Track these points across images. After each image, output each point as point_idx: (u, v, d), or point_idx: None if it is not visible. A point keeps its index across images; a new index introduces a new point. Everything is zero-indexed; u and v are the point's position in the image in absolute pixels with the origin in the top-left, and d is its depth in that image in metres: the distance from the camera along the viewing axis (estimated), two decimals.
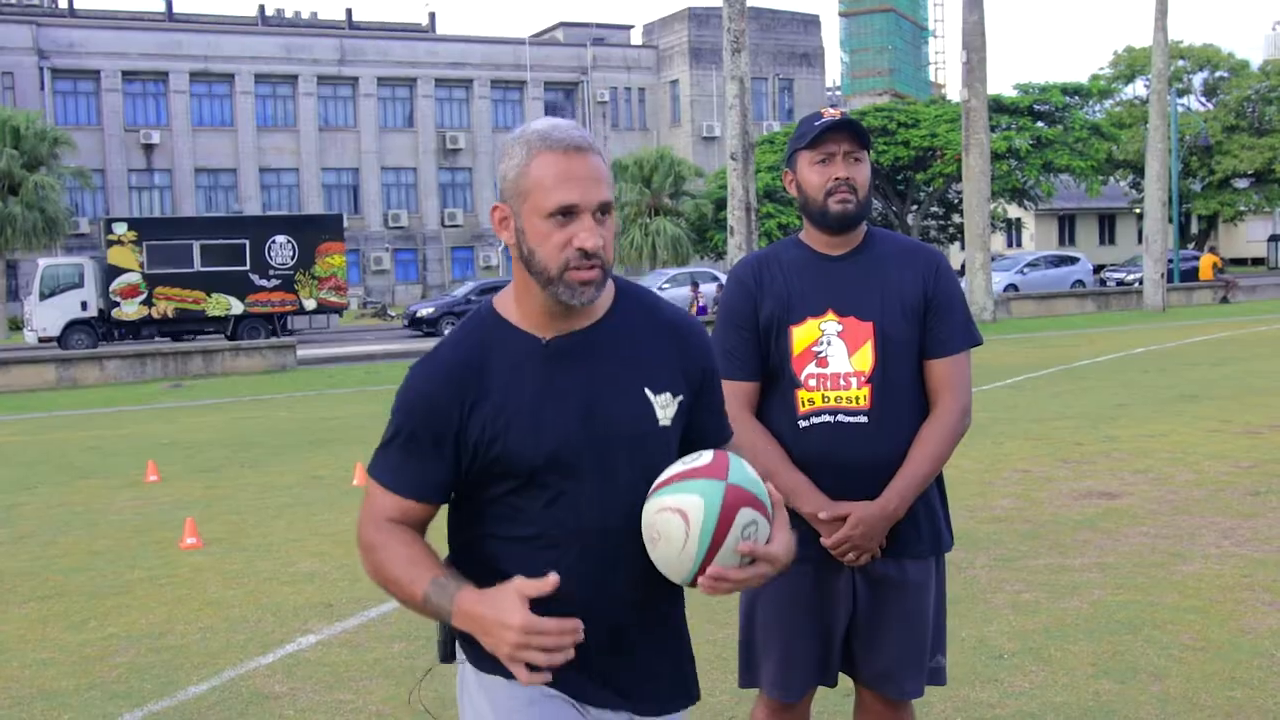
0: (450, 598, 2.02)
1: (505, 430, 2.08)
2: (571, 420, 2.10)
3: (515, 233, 2.09)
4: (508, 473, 2.10)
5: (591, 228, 2.04)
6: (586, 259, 2.04)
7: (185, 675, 5.12)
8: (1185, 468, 8.82)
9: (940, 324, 2.94)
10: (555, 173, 2.03)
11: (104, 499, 9.52)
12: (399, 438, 2.13)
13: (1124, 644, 4.97)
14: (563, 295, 2.06)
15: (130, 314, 32.38)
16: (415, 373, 2.16)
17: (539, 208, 2.04)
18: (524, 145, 2.07)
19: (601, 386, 2.13)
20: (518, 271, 2.13)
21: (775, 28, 59.38)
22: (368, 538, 2.14)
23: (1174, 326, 25.22)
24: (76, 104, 50.06)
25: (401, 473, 2.13)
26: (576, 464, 2.10)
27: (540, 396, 2.10)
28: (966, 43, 28.00)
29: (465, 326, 2.19)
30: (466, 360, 2.12)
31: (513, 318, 2.15)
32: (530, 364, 2.11)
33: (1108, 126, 47.24)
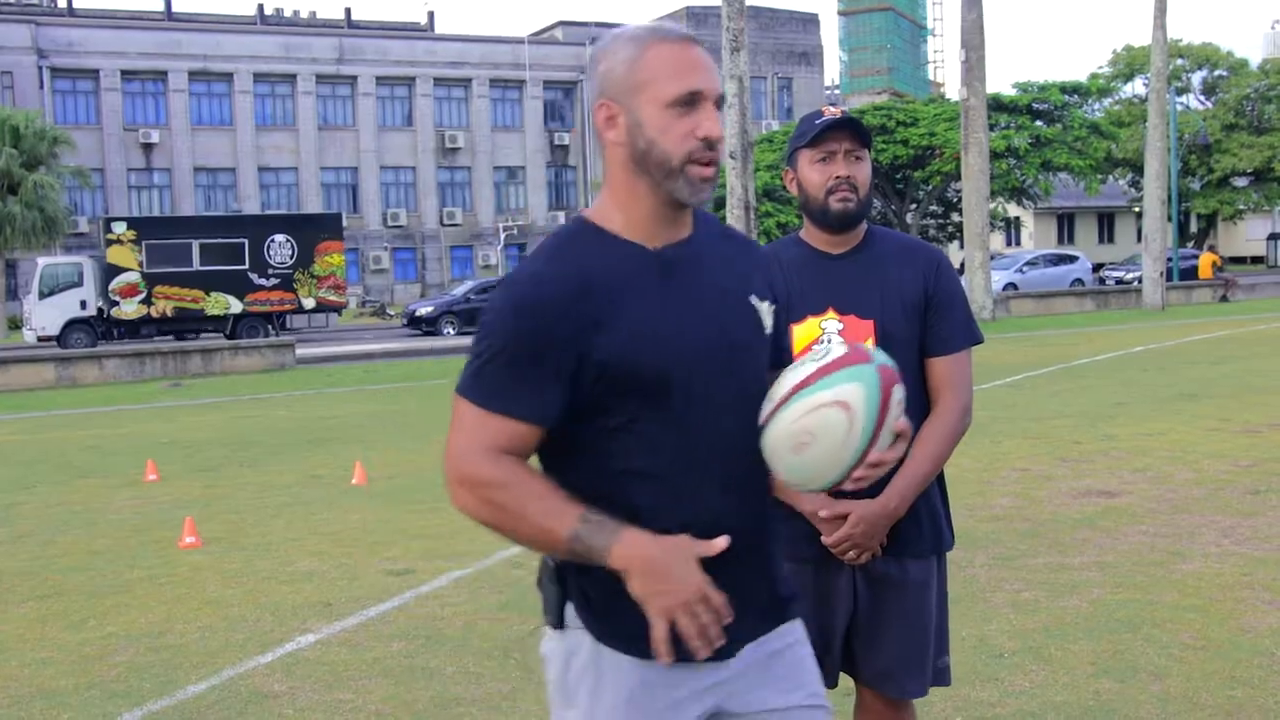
0: (611, 534, 1.89)
1: (637, 342, 1.96)
2: (700, 325, 2.01)
3: (627, 128, 1.99)
4: (637, 385, 1.96)
5: (714, 116, 1.99)
6: (708, 149, 1.98)
7: (184, 674, 5.12)
8: (1184, 466, 8.82)
9: (941, 322, 2.94)
10: (676, 60, 1.98)
11: (103, 498, 9.51)
12: (503, 355, 1.94)
13: (1124, 643, 4.97)
14: (682, 191, 1.99)
15: (129, 313, 32.38)
16: (519, 285, 1.98)
17: (660, 96, 1.96)
18: (631, 41, 2.01)
19: (718, 294, 2.06)
20: (621, 178, 2.03)
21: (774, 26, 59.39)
22: (482, 473, 1.94)
23: (1173, 325, 25.22)
24: (75, 103, 50.04)
25: (513, 393, 1.94)
26: (708, 372, 2.01)
27: (663, 304, 1.99)
28: (965, 41, 28.00)
29: (561, 241, 2.04)
30: (578, 269, 1.97)
31: (616, 228, 2.04)
32: (645, 272, 2.01)
33: (1107, 125, 47.22)
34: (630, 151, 2.00)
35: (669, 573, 1.89)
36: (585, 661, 2.04)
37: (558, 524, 1.91)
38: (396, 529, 7.83)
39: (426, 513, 8.30)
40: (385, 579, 6.56)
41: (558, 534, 1.91)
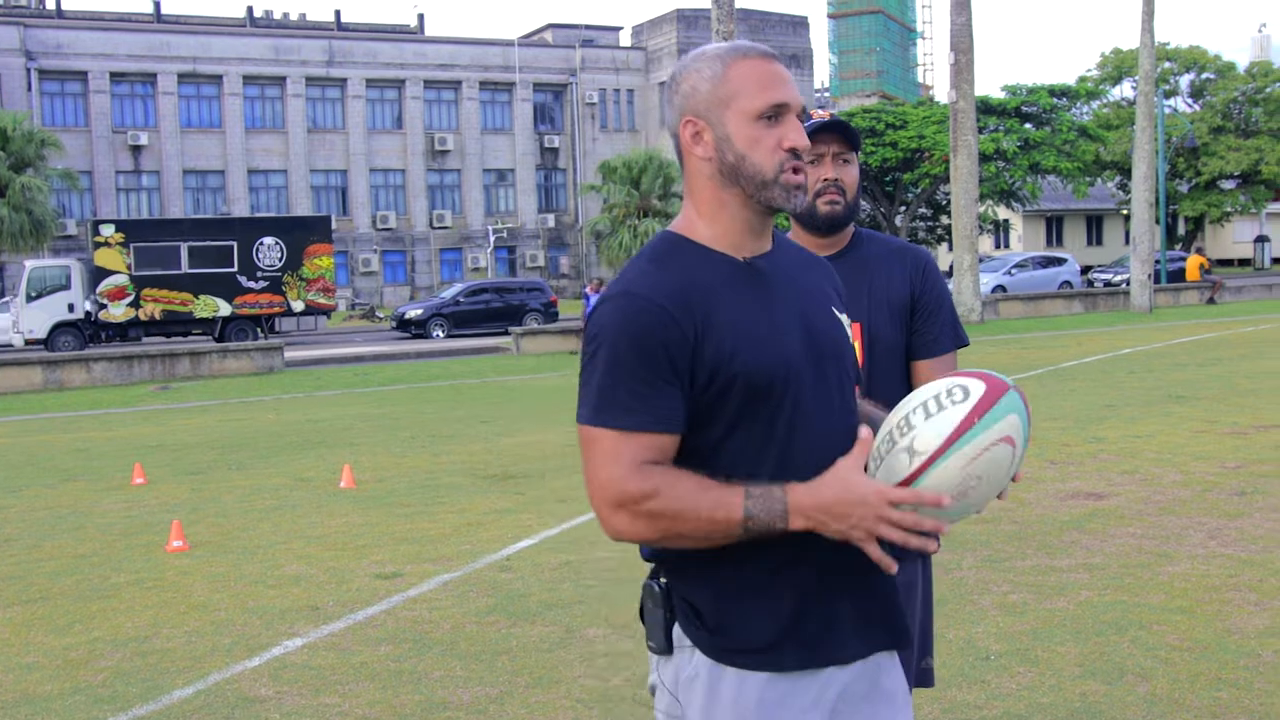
0: (780, 501, 1.90)
1: (742, 342, 1.98)
2: (794, 332, 2.05)
3: (715, 143, 2.05)
4: (748, 389, 1.98)
5: (799, 128, 2.05)
6: (797, 159, 2.04)
7: (170, 679, 5.10)
8: (1172, 468, 8.84)
9: (928, 325, 2.94)
10: (760, 75, 2.04)
11: (90, 502, 9.48)
12: (622, 370, 1.95)
13: (1110, 645, 4.98)
14: (777, 198, 2.04)
15: (118, 316, 32.30)
16: (623, 299, 1.99)
17: (748, 110, 2.02)
18: (714, 59, 2.06)
19: (809, 303, 2.11)
20: (709, 191, 2.08)
21: (764, 29, 59.43)
22: (632, 489, 1.92)
23: (1161, 327, 25.30)
24: (64, 105, 49.89)
25: (641, 406, 1.95)
26: (805, 378, 2.03)
27: (762, 309, 2.04)
28: (954, 44, 28.06)
29: (657, 253, 2.07)
30: (681, 279, 2.01)
31: (704, 240, 2.08)
32: (739, 281, 2.05)
33: (1094, 128, 47.37)
34: (719, 165, 2.05)
35: (848, 506, 1.89)
36: (698, 680, 2.02)
37: (727, 510, 1.91)
38: (384, 532, 7.82)
39: (414, 516, 8.29)
40: (373, 583, 6.55)
41: (733, 518, 1.91)
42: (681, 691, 2.04)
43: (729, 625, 2.01)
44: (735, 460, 2.00)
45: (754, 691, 1.99)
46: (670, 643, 2.06)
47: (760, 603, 2.01)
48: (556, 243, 57.82)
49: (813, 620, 2.02)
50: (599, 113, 58.64)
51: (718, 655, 2.01)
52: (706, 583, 2.02)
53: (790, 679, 2.01)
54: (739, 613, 2.00)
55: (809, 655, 2.01)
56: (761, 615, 2.01)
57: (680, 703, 2.05)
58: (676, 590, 2.05)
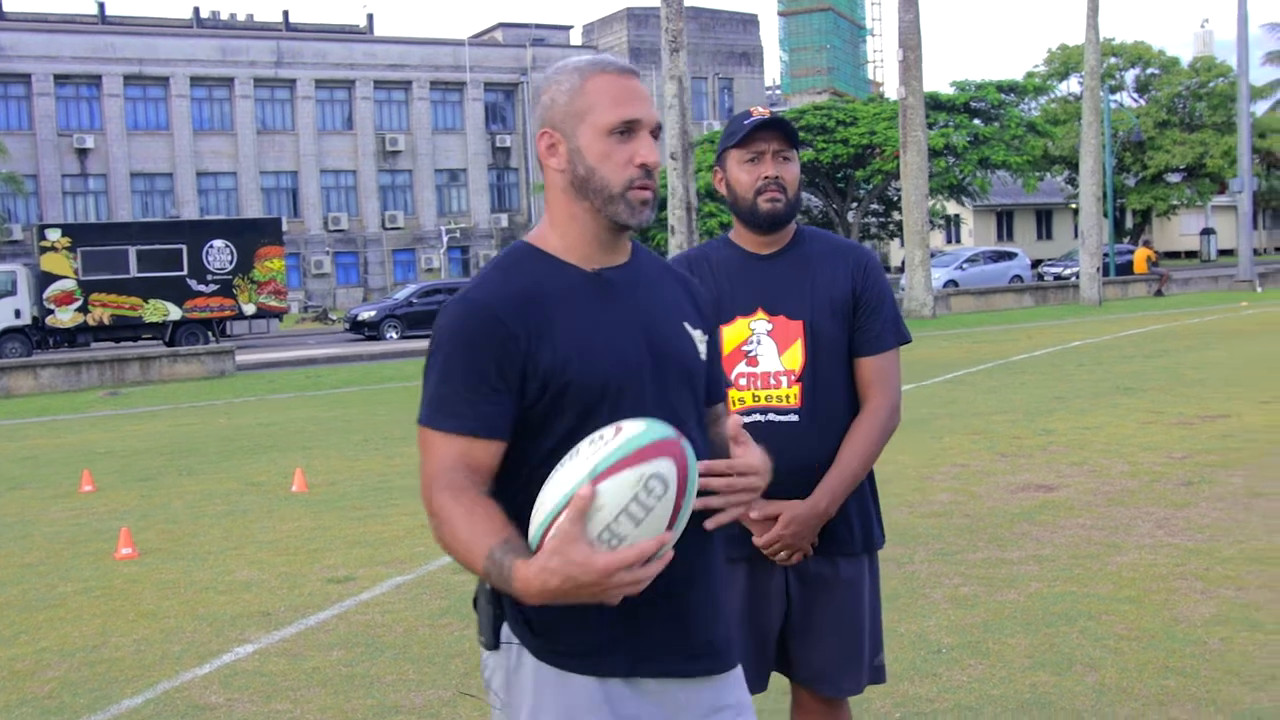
0: (508, 582, 1.84)
1: (575, 350, 2.02)
2: (636, 345, 2.08)
3: (568, 155, 2.08)
4: (578, 399, 2.01)
5: (652, 144, 2.08)
6: (647, 176, 2.07)
7: (119, 689, 5.04)
8: (1120, 459, 8.94)
9: (870, 321, 2.96)
10: (615, 90, 2.06)
11: (37, 510, 9.35)
12: (456, 375, 2.00)
13: (1060, 635, 5.03)
14: (622, 215, 2.07)
15: (65, 321, 31.88)
16: (463, 305, 2.04)
17: (600, 125, 2.05)
18: (574, 71, 2.09)
19: (654, 316, 2.13)
20: (561, 203, 2.11)
21: (714, 27, 59.56)
22: (430, 498, 1.99)
23: (1109, 320, 25.60)
24: (7, 108, 49.10)
25: (469, 411, 2.00)
26: (643, 390, 2.06)
27: (601, 321, 2.06)
28: (902, 41, 28.24)
29: (504, 262, 2.12)
30: (522, 287, 2.05)
31: (554, 250, 2.12)
32: (583, 292, 2.08)
33: (1042, 123, 47.81)
34: (571, 178, 2.09)
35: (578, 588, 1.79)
36: (524, 679, 2.06)
37: (472, 561, 1.92)
38: (337, 536, 7.76)
39: (367, 519, 8.24)
40: (325, 587, 6.50)
41: (476, 570, 1.93)
42: (511, 689, 2.08)
43: (553, 628, 2.03)
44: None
45: (578, 694, 2.03)
46: (499, 639, 2.08)
47: (585, 609, 1.94)
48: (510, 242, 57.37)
49: (635, 631, 2.04)
50: None
51: (542, 656, 2.04)
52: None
53: (613, 685, 2.04)
54: (564, 617, 1.99)
55: (630, 664, 2.04)
56: (585, 621, 2.00)
57: (509, 699, 2.08)
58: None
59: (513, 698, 2.08)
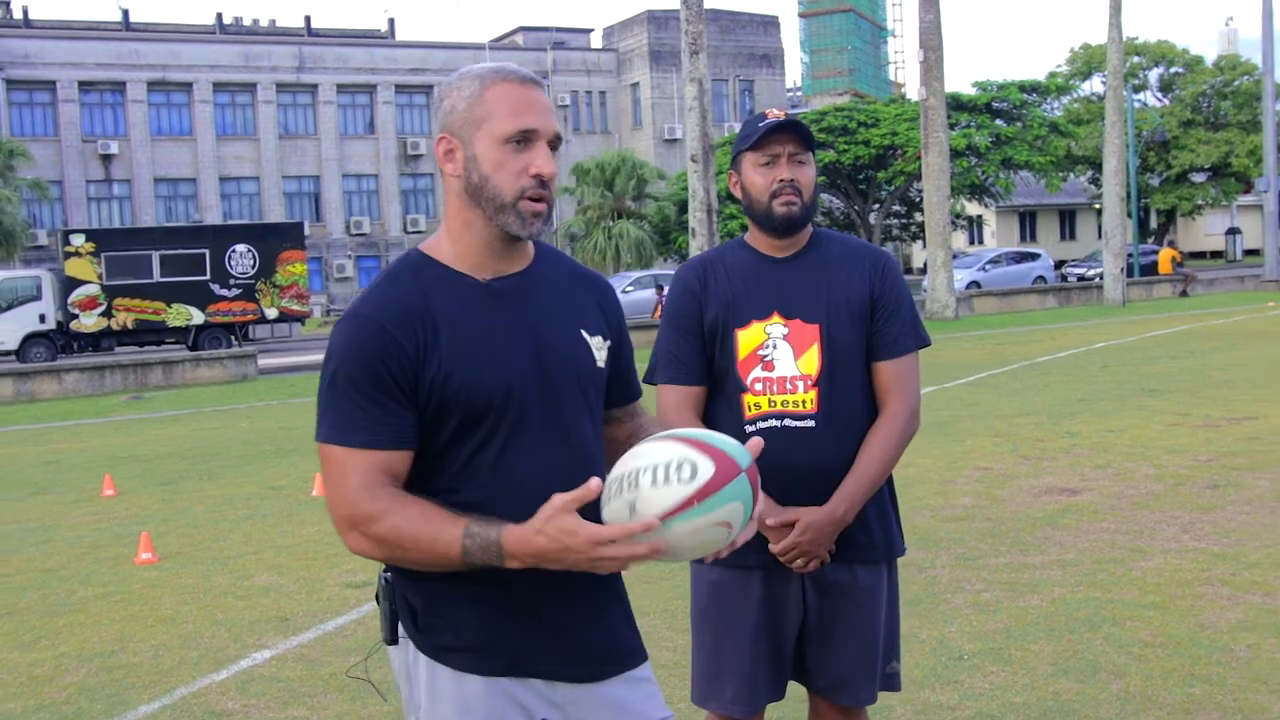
0: (495, 544, 1.93)
1: (461, 363, 2.05)
2: (523, 354, 2.10)
3: (464, 162, 2.09)
4: (464, 411, 2.05)
5: (548, 155, 2.09)
6: (541, 187, 2.07)
7: (136, 694, 5.03)
8: (1145, 462, 8.85)
9: (888, 325, 2.91)
10: (513, 100, 2.07)
11: (59, 515, 9.37)
12: (355, 390, 2.02)
13: (1084, 642, 4.96)
14: (513, 225, 2.07)
15: (89, 326, 32.05)
16: (357, 322, 2.06)
17: (496, 133, 2.06)
18: (475, 79, 2.10)
19: (545, 326, 2.15)
20: (457, 210, 2.12)
21: (735, 29, 59.49)
22: (364, 510, 1.98)
23: (1134, 320, 25.41)
24: (33, 115, 49.48)
25: (373, 425, 2.02)
26: (528, 400, 2.09)
27: (489, 332, 2.09)
28: (923, 41, 28.13)
29: (396, 272, 2.13)
30: (411, 299, 2.07)
31: (447, 260, 2.13)
32: (473, 302, 2.10)
33: (1065, 123, 47.55)
34: (465, 184, 2.10)
35: (561, 553, 1.90)
36: (419, 673, 2.12)
37: (446, 545, 1.95)
38: None
39: None
40: (344, 592, 6.48)
41: (451, 553, 1.96)
42: (411, 683, 2.14)
43: (438, 625, 2.09)
44: (454, 477, 2.07)
45: (470, 690, 2.08)
46: (396, 635, 2.14)
47: (469, 607, 2.07)
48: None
49: (521, 630, 2.09)
50: (571, 115, 58.57)
51: (429, 652, 2.10)
52: (421, 583, 2.08)
53: (501, 683, 2.08)
54: (449, 614, 2.08)
55: (507, 665, 2.09)
56: (468, 619, 2.08)
57: (409, 692, 2.15)
58: (398, 587, 2.12)
59: (411, 691, 2.14)
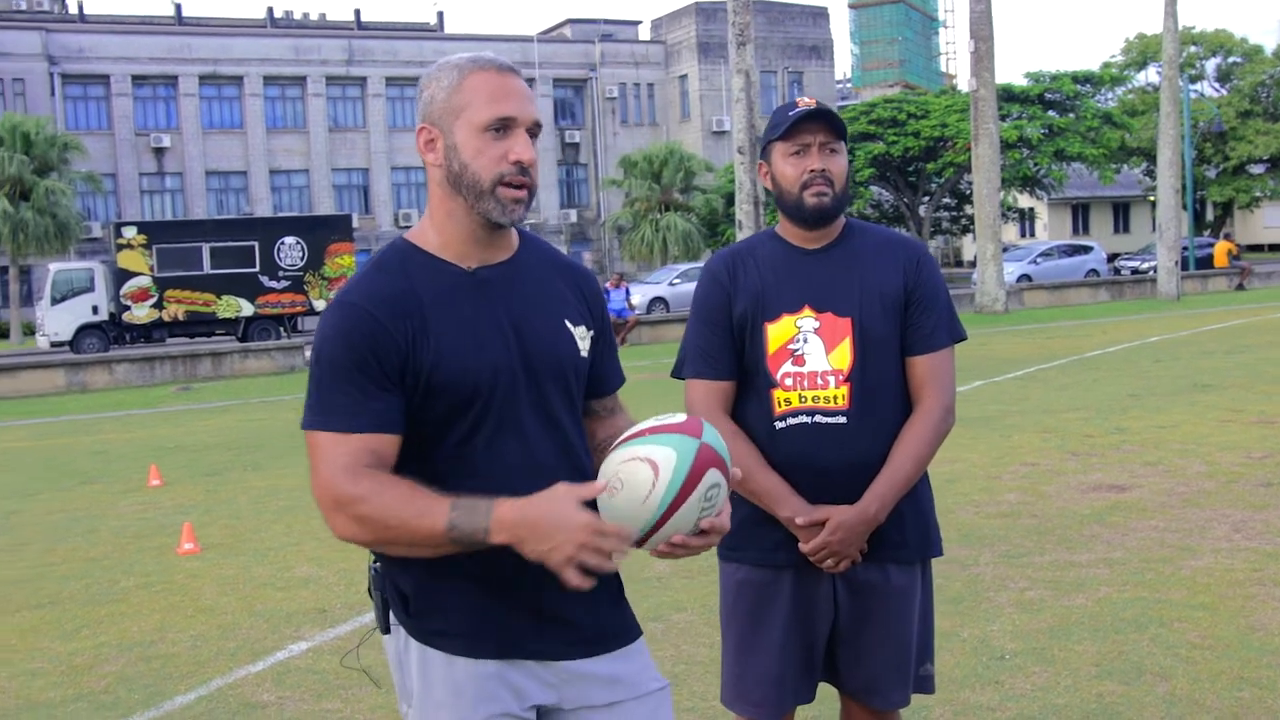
0: (485, 514, 1.95)
1: (448, 350, 2.07)
2: (508, 342, 2.12)
3: (444, 151, 2.11)
4: (451, 398, 2.07)
5: (527, 142, 2.10)
6: (521, 174, 2.09)
7: (173, 685, 5.05)
8: (1197, 459, 8.68)
9: (923, 319, 2.83)
10: (491, 88, 2.09)
11: (105, 504, 9.46)
12: (342, 377, 2.04)
13: (1129, 643, 4.85)
14: (493, 211, 2.09)
15: (141, 317, 32.43)
16: (342, 307, 2.08)
17: (474, 121, 2.08)
18: (454, 69, 2.12)
19: (529, 314, 2.16)
20: (440, 199, 2.15)
21: (784, 21, 59.13)
22: (347, 492, 2.00)
23: (1188, 315, 25.02)
24: (87, 109, 50.08)
25: (359, 410, 2.03)
26: (515, 387, 2.11)
27: (474, 319, 2.11)
28: (974, 32, 27.82)
29: (382, 261, 2.15)
30: (398, 287, 2.09)
31: (432, 248, 2.16)
32: (459, 290, 2.12)
33: (1119, 115, 46.89)
34: (446, 173, 2.12)
35: (553, 528, 1.92)
36: (411, 660, 2.13)
37: (431, 520, 1.96)
38: None
39: None
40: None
41: (437, 528, 1.96)
42: (404, 670, 2.16)
43: (428, 610, 2.11)
44: (442, 464, 2.09)
45: (461, 673, 2.09)
46: (389, 624, 2.16)
47: (459, 592, 2.09)
48: (579, 238, 57.75)
49: (511, 611, 2.10)
50: (619, 107, 58.50)
51: (421, 638, 2.11)
52: (411, 570, 2.09)
53: (492, 666, 2.10)
54: (439, 600, 2.10)
55: (500, 648, 2.10)
56: (458, 604, 2.10)
57: (402, 679, 2.17)
58: (388, 575, 2.14)
59: (404, 678, 2.16)
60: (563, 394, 2.19)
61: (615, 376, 2.39)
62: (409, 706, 2.16)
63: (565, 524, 1.91)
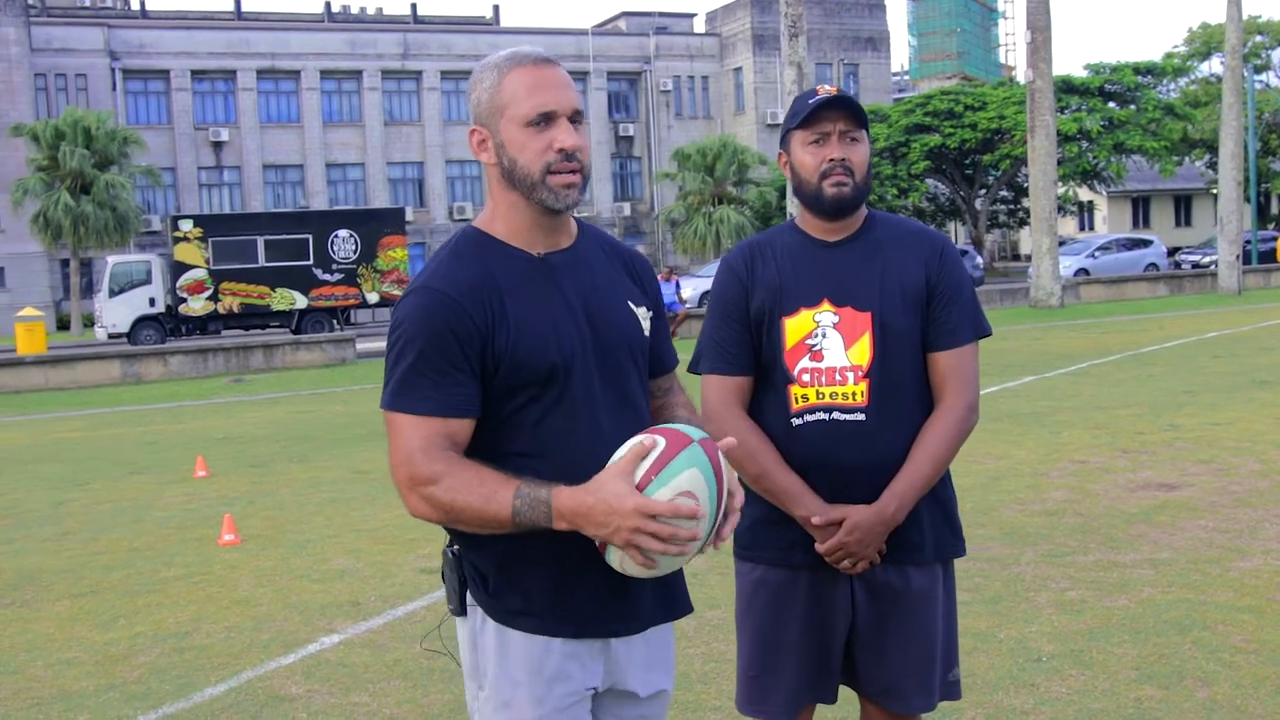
0: (545, 503, 2.02)
1: (527, 332, 2.14)
2: (579, 324, 2.20)
3: (495, 149, 2.20)
4: (528, 378, 2.15)
5: (569, 129, 2.17)
6: (567, 160, 2.16)
7: (204, 676, 5.06)
8: (1251, 457, 8.48)
9: (945, 313, 2.75)
10: (529, 83, 2.17)
11: (151, 495, 9.55)
12: (423, 360, 2.12)
13: (1171, 646, 4.72)
14: (547, 199, 2.17)
15: (197, 309, 32.81)
16: (424, 293, 2.15)
17: (517, 117, 2.16)
18: (493, 69, 2.20)
19: (597, 297, 2.25)
20: (501, 193, 2.23)
21: (839, 12, 58.70)
22: (421, 473, 2.09)
23: (1249, 310, 24.53)
24: (147, 103, 50.74)
25: (439, 394, 2.11)
26: (589, 366, 2.19)
27: (549, 302, 2.19)
28: (1031, 22, 27.43)
29: (457, 249, 2.23)
30: (476, 273, 2.17)
31: (501, 236, 2.24)
32: (531, 274, 2.20)
33: (1181, 106, 46.10)
34: (500, 170, 2.21)
35: (606, 515, 1.98)
36: (487, 641, 2.20)
37: (498, 505, 2.04)
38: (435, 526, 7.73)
39: None
40: (416, 577, 6.47)
41: (503, 514, 2.04)
42: (478, 651, 2.22)
43: (508, 591, 2.18)
44: (524, 441, 2.17)
45: (539, 652, 2.17)
46: (464, 606, 2.24)
47: (537, 572, 2.16)
48: (633, 231, 57.72)
49: (587, 591, 2.17)
50: (673, 100, 58.38)
51: (500, 618, 2.19)
52: (490, 551, 2.17)
53: (571, 644, 2.18)
54: (518, 580, 2.17)
55: (584, 625, 2.18)
56: (537, 583, 2.17)
57: (476, 660, 2.23)
58: (466, 557, 2.23)
59: (479, 659, 2.22)
60: (632, 372, 2.28)
61: (670, 356, 2.45)
62: (480, 687, 2.22)
63: (617, 508, 1.97)
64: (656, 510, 1.97)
